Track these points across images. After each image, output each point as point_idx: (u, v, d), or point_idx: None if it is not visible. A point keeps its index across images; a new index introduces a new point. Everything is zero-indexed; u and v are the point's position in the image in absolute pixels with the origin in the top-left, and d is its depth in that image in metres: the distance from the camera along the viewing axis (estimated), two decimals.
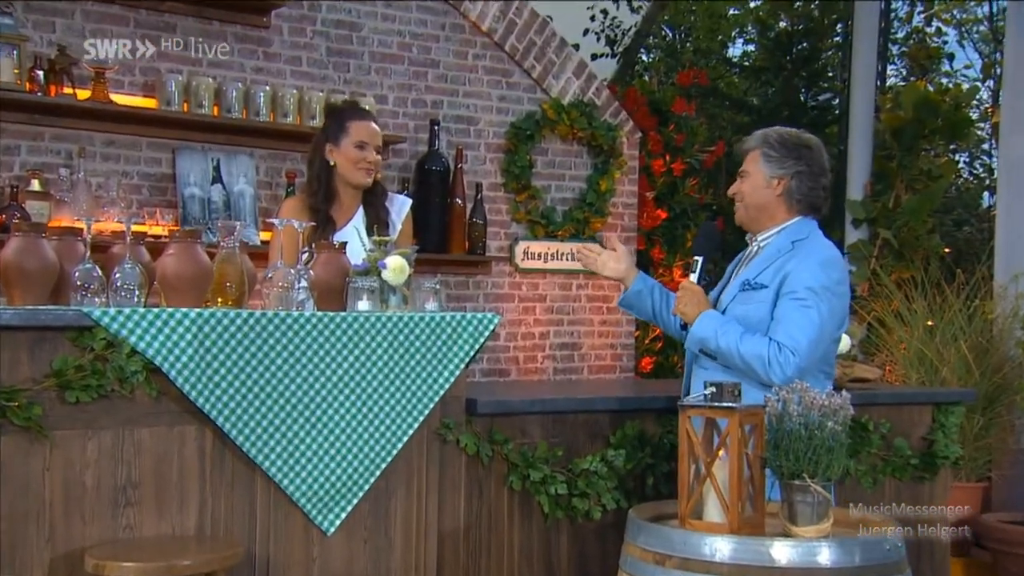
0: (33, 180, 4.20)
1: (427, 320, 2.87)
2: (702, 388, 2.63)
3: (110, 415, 2.48)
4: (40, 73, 4.28)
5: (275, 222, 3.04)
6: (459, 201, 5.38)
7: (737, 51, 11.37)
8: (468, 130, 5.56)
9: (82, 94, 4.36)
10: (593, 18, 8.75)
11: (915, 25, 10.07)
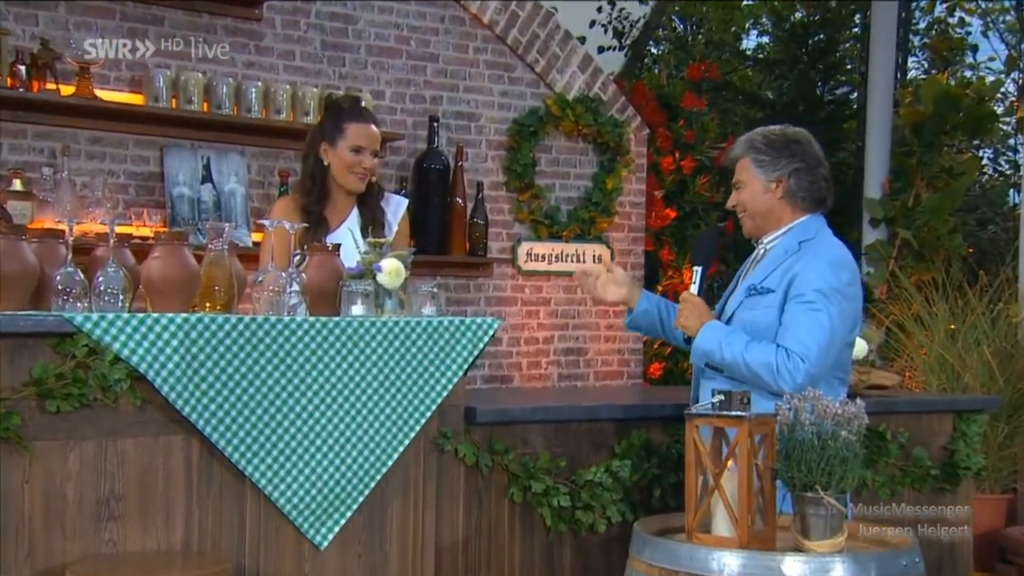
0: (15, 179, 4.19)
1: (424, 325, 2.87)
2: (710, 397, 2.62)
3: (92, 425, 2.48)
4: (22, 68, 4.28)
5: (266, 223, 3.04)
6: (459, 201, 5.39)
7: (751, 43, 11.38)
8: (469, 127, 5.56)
9: (66, 90, 4.37)
10: (600, 9, 8.76)
11: (937, 15, 10.06)
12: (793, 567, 2.40)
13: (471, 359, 2.94)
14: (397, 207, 3.71)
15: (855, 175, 8.25)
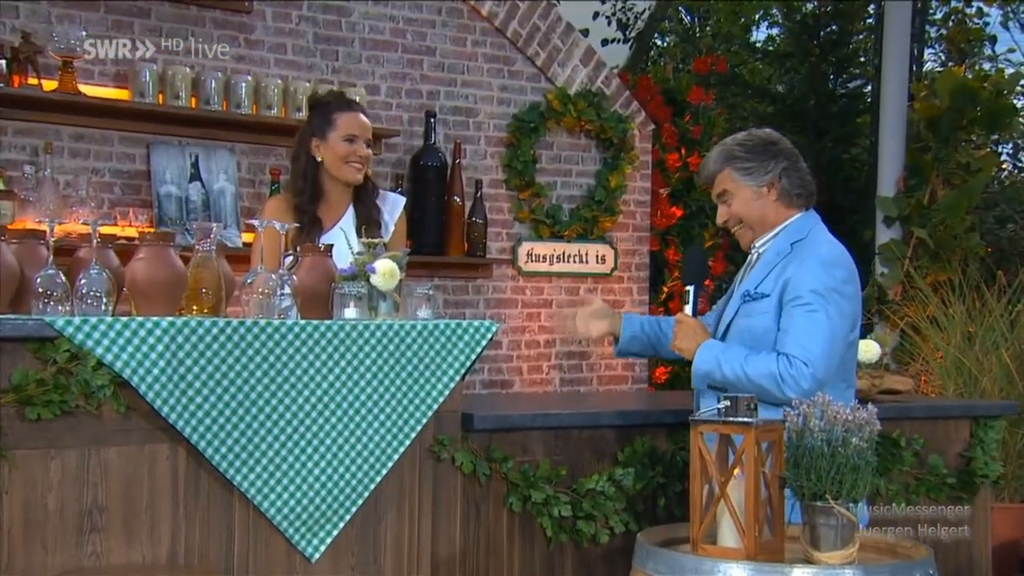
0: None
1: (419, 328, 2.87)
2: (710, 404, 2.63)
3: (74, 433, 2.48)
4: (2, 62, 4.29)
5: (255, 223, 3.04)
6: (457, 199, 5.39)
7: (760, 35, 11.38)
8: (467, 122, 5.56)
9: (48, 85, 4.37)
10: (603, 0, 8.76)
11: (954, 5, 10.07)
12: None
13: (468, 363, 2.94)
14: (394, 206, 3.72)
15: (868, 172, 8.26)
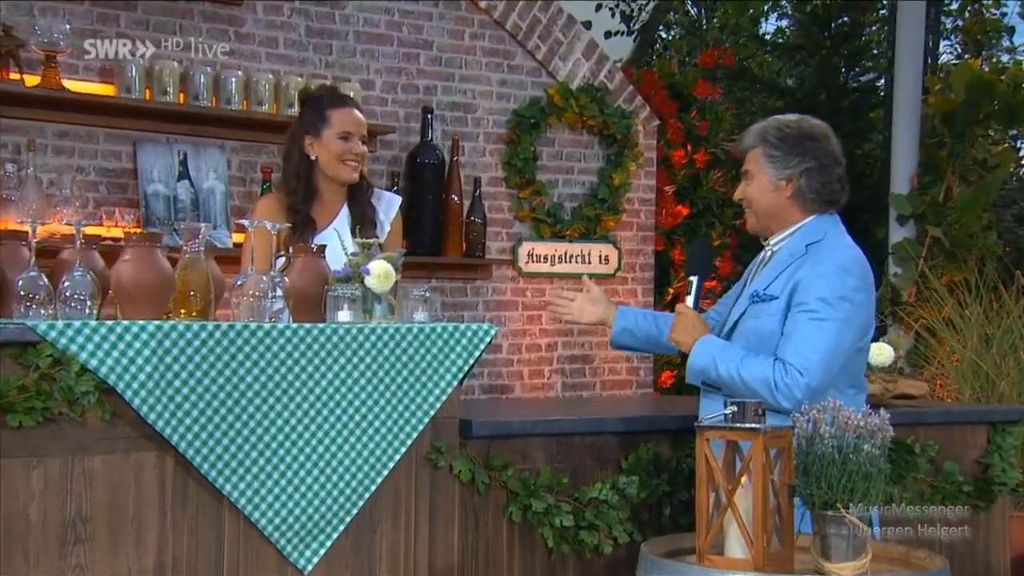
0: None
1: (415, 332, 2.87)
2: (710, 411, 2.63)
3: (58, 441, 2.48)
4: None
5: (246, 223, 3.04)
6: (455, 198, 5.39)
7: (769, 27, 11.39)
8: (465, 119, 5.56)
9: (31, 80, 4.37)
10: None
11: None
12: None
13: (466, 368, 2.94)
14: (389, 205, 3.71)
15: (881, 168, 8.26)
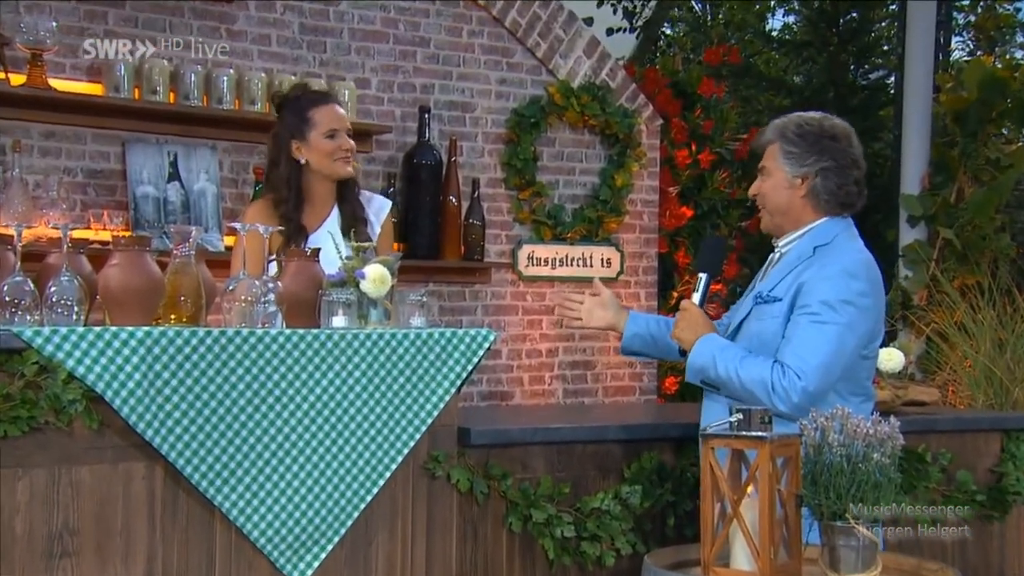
0: None
1: (412, 337, 2.87)
2: (712, 418, 2.62)
3: (44, 451, 2.47)
4: None
5: (237, 226, 3.04)
6: (453, 200, 5.39)
7: (776, 23, 11.40)
8: (463, 118, 5.56)
9: (16, 79, 4.37)
10: None
11: None
12: None
13: (464, 374, 2.94)
14: (380, 209, 3.72)
15: (891, 168, 8.25)
